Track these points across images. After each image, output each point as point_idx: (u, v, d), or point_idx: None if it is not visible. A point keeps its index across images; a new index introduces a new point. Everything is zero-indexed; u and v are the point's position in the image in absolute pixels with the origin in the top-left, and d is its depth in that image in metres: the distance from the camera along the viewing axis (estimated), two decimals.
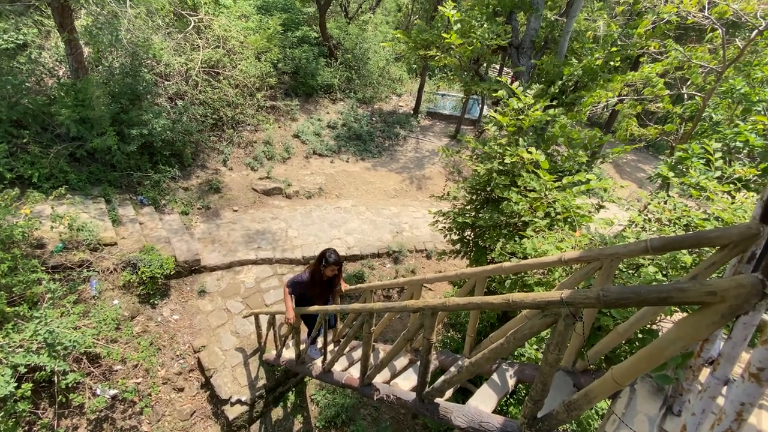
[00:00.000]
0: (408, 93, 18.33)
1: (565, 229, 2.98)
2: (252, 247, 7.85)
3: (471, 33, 5.08)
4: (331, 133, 13.01)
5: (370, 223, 9.49)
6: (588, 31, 6.23)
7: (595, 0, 10.09)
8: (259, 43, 11.40)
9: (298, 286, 4.20)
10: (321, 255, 4.07)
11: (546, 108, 4.17)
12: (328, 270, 4.05)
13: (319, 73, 13.73)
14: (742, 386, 0.92)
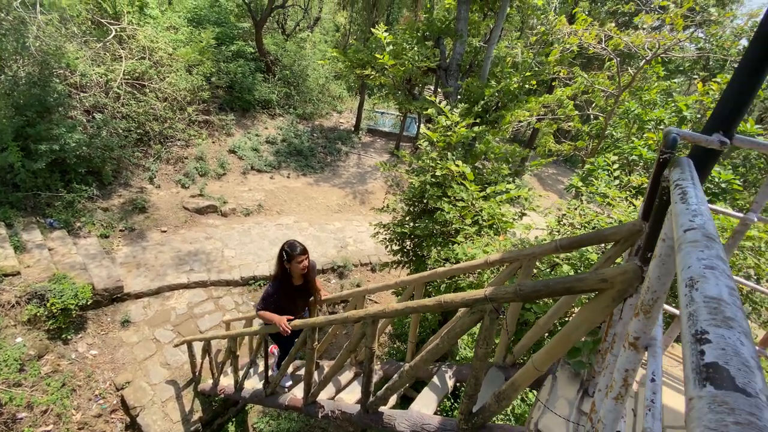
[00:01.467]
0: (348, 110, 18.60)
1: (491, 235, 3.25)
2: (183, 269, 7.34)
3: (403, 55, 5.43)
4: (271, 148, 12.74)
5: (313, 239, 9.36)
6: (508, 57, 6.91)
7: (514, 30, 11.16)
8: (190, 55, 10.93)
9: (268, 301, 3.41)
10: (279, 252, 3.27)
11: (472, 125, 4.54)
12: (295, 265, 3.25)
13: (256, 89, 13.45)
14: (624, 355, 1.08)
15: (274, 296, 3.37)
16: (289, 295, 3.41)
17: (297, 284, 3.44)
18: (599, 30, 6.24)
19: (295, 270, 3.29)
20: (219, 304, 7.09)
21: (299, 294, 3.50)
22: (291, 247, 3.27)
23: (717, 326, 0.38)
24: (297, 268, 3.28)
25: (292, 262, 3.26)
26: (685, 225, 0.67)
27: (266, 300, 3.41)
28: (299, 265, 3.27)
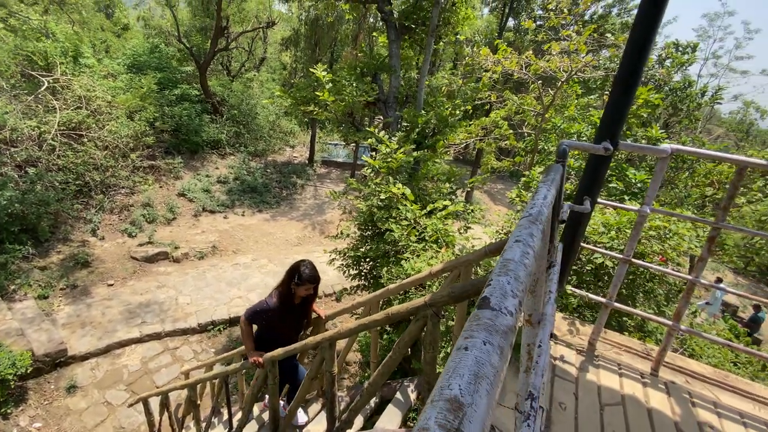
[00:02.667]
0: (302, 144, 18.82)
1: (435, 249, 3.47)
2: (135, 323, 6.93)
3: (343, 91, 5.76)
4: (223, 188, 12.54)
5: (273, 275, 9.19)
6: (443, 86, 7.51)
7: (449, 62, 12.06)
8: (131, 102, 10.73)
9: (261, 315, 3.16)
10: (293, 269, 3.12)
11: (415, 150, 4.87)
12: (301, 290, 3.10)
13: (204, 130, 13.35)
14: (525, 331, 1.27)
15: (268, 312, 3.14)
16: (284, 315, 3.20)
17: (295, 303, 3.25)
18: (518, 58, 6.97)
19: (299, 292, 3.14)
20: (176, 355, 6.72)
21: (295, 316, 3.29)
22: (304, 270, 3.09)
23: (498, 275, 0.57)
24: (301, 291, 3.12)
25: (300, 287, 3.09)
26: (524, 213, 0.88)
27: (258, 313, 3.16)
28: (304, 290, 3.13)
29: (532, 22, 8.64)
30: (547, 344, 1.18)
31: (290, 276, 3.09)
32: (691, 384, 2.57)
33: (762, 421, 2.33)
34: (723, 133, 28.18)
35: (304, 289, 3.10)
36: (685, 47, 8.08)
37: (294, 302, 3.18)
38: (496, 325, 0.46)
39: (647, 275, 3.13)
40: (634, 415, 2.24)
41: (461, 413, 0.36)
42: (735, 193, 2.30)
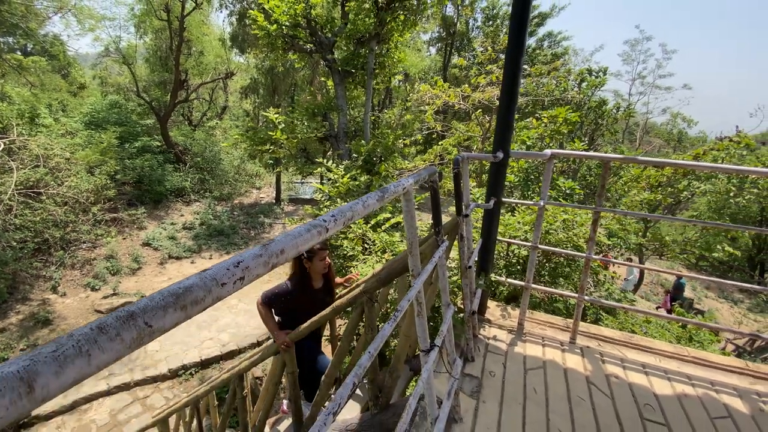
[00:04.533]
0: (268, 185, 19.15)
1: (379, 255, 3.89)
2: (101, 375, 6.77)
3: (295, 129, 6.33)
4: (189, 234, 12.55)
5: (245, 313, 9.22)
6: (392, 119, 8.25)
7: (399, 98, 13.03)
8: (90, 157, 10.83)
9: (279, 298, 2.81)
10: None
11: (370, 175, 5.42)
12: (317, 263, 2.76)
13: (167, 179, 13.48)
14: (413, 287, 1.70)
15: (287, 296, 2.78)
16: (305, 301, 2.83)
17: (316, 287, 2.87)
18: (455, 91, 7.85)
19: (317, 268, 2.78)
20: (147, 404, 6.59)
21: (318, 300, 2.87)
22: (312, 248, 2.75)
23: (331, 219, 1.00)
24: (319, 266, 2.77)
25: (313, 260, 2.74)
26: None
27: (276, 296, 2.79)
28: (321, 262, 2.77)
29: (464, 60, 9.71)
30: (420, 286, 1.60)
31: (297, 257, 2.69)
32: (602, 346, 3.04)
33: (661, 368, 2.80)
34: (660, 143, 30.99)
35: (319, 260, 2.76)
36: (597, 71, 9.39)
37: (313, 285, 2.86)
38: (319, 223, 0.88)
39: (565, 262, 3.66)
40: (552, 375, 2.66)
41: None
42: (605, 183, 2.90)
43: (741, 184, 10.04)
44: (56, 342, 0.42)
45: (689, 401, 2.44)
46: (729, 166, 2.66)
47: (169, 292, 0.53)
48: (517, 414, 2.27)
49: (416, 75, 17.69)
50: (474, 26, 22.95)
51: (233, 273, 0.61)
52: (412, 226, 1.55)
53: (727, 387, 2.60)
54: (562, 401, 2.37)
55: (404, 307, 1.36)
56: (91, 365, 0.43)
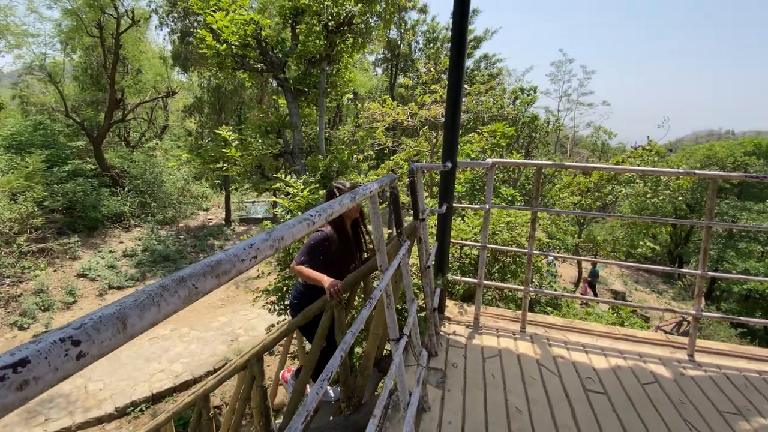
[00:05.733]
0: (216, 206, 18.42)
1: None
2: (37, 422, 6.09)
3: (249, 146, 6.33)
4: (130, 261, 11.72)
5: (198, 341, 8.75)
6: (345, 136, 8.48)
7: (350, 116, 13.34)
8: (13, 183, 9.85)
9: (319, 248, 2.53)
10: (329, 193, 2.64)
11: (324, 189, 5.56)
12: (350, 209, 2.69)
13: (103, 204, 12.56)
14: (383, 279, 1.87)
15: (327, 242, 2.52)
16: (342, 249, 2.62)
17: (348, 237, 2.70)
18: (403, 109, 8.27)
19: (351, 215, 2.62)
20: None
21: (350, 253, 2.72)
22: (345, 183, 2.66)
23: None
24: (353, 210, 2.59)
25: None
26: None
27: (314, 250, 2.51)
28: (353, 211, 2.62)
29: (409, 80, 10.27)
30: (388, 278, 1.78)
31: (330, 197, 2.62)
32: (548, 332, 3.37)
33: (598, 347, 3.17)
34: (587, 153, 34.10)
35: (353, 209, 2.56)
36: (528, 90, 10.40)
37: (346, 233, 2.68)
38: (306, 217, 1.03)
39: (511, 260, 4.05)
40: (507, 361, 2.92)
41: None
42: (539, 186, 3.29)
43: (655, 186, 11.47)
44: (134, 294, 0.55)
45: (622, 371, 2.81)
46: (640, 168, 3.15)
47: (205, 263, 0.66)
48: (479, 398, 2.48)
49: (365, 94, 18.19)
50: (416, 48, 24.19)
51: (248, 252, 0.76)
52: (378, 225, 1.73)
53: (653, 357, 3.02)
54: (517, 383, 2.63)
55: (377, 296, 1.53)
56: (160, 312, 0.56)
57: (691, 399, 2.51)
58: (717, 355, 3.06)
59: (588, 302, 10.84)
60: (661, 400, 2.49)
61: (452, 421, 2.28)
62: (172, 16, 15.04)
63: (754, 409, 2.45)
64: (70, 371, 0.44)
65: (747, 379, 2.75)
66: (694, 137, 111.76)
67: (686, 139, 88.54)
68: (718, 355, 3.06)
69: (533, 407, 2.38)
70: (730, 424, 2.31)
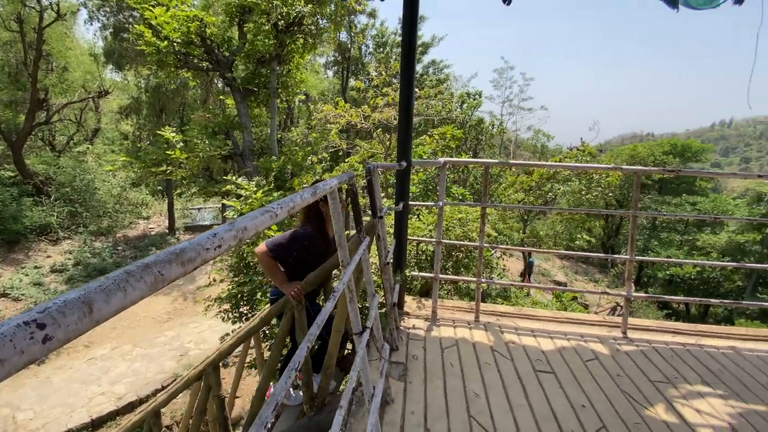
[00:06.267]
0: (158, 213, 17.25)
1: None
2: None
3: (195, 148, 6.02)
4: (60, 277, 10.64)
5: (142, 359, 8.14)
6: (298, 139, 8.36)
7: (302, 118, 13.17)
8: None
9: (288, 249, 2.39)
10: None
11: (278, 190, 5.43)
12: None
13: (24, 215, 11.30)
14: (345, 274, 1.89)
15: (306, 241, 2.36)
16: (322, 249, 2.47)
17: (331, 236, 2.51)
18: (356, 111, 8.32)
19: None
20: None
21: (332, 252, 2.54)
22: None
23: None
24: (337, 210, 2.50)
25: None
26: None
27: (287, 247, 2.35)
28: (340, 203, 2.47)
29: (361, 83, 10.37)
30: (350, 272, 1.81)
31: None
32: (500, 320, 3.57)
33: (545, 331, 3.40)
34: (529, 155, 36.25)
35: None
36: (474, 94, 10.92)
37: (328, 232, 2.56)
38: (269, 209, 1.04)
39: (464, 255, 4.24)
40: (464, 349, 3.05)
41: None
42: (487, 184, 3.48)
43: (589, 184, 12.50)
44: (98, 280, 0.54)
45: (567, 351, 3.05)
46: (575, 164, 3.49)
47: (170, 251, 0.66)
48: (439, 387, 2.57)
49: (317, 96, 18.00)
50: (367, 52, 24.40)
51: (212, 241, 0.75)
52: (339, 220, 1.75)
53: (592, 336, 3.30)
54: (474, 369, 2.76)
55: (340, 289, 1.55)
56: (127, 298, 0.55)
57: (626, 371, 2.78)
58: (646, 332, 3.41)
59: (529, 291, 11.55)
60: (601, 375, 2.73)
61: (415, 411, 2.35)
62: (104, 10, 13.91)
63: (680, 377, 2.77)
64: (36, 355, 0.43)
65: (673, 351, 3.10)
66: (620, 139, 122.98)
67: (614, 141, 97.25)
68: (648, 331, 3.42)
69: (489, 390, 2.51)
70: (660, 391, 2.59)
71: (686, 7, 3.22)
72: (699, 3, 3.25)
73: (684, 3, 3.18)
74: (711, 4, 3.28)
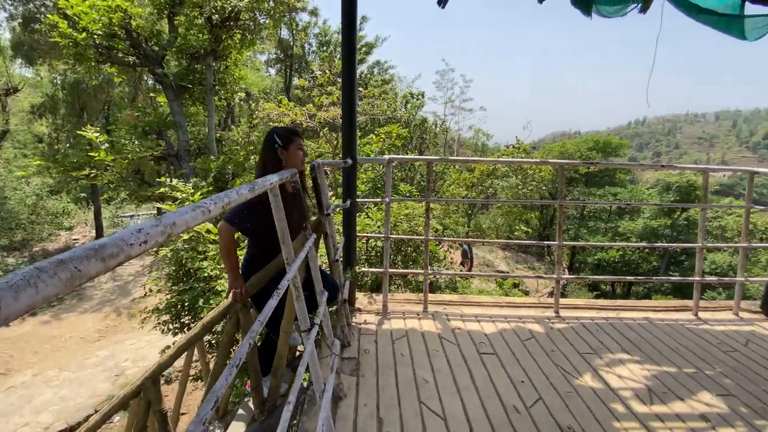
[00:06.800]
0: (83, 223, 15.66)
1: None
2: None
3: (124, 149, 5.55)
4: None
5: (71, 383, 7.38)
6: (240, 138, 8.02)
7: (243, 116, 12.70)
8: None
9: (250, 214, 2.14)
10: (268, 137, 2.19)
11: (216, 192, 5.19)
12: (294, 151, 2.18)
13: None
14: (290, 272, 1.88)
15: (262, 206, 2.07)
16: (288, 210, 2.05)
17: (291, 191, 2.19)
18: (301, 110, 8.18)
19: (294, 160, 2.17)
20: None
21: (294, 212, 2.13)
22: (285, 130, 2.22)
23: None
24: (296, 157, 2.19)
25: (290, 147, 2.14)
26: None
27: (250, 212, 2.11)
28: (299, 151, 2.20)
29: (305, 81, 10.21)
30: (295, 268, 1.80)
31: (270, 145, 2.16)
32: (447, 309, 3.72)
33: (487, 315, 3.60)
34: (471, 153, 37.84)
35: (297, 148, 2.20)
36: (417, 95, 11.22)
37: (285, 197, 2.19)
38: (201, 205, 1.01)
39: (412, 249, 4.37)
40: (413, 339, 3.15)
41: None
42: (431, 179, 3.62)
43: (524, 179, 13.39)
44: (6, 278, 0.51)
45: (507, 333, 3.26)
46: (509, 159, 3.73)
47: (89, 247, 0.63)
48: (391, 377, 2.64)
49: (258, 94, 17.37)
50: (310, 50, 24.00)
51: (138, 237, 0.73)
52: (281, 218, 1.73)
53: (529, 318, 3.56)
54: (423, 357, 2.86)
55: (284, 286, 1.54)
56: (38, 294, 0.52)
57: (558, 347, 3.04)
58: (576, 309, 3.75)
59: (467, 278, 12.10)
60: (538, 352, 2.97)
61: (367, 403, 2.39)
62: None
63: (604, 347, 3.08)
64: None
65: (598, 325, 3.44)
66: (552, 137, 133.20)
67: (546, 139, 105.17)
68: (577, 309, 3.76)
69: (438, 375, 2.63)
70: (588, 361, 2.86)
71: (598, 15, 3.58)
72: (609, 11, 3.63)
73: (596, 11, 3.53)
74: (619, 12, 3.67)
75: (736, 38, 3.73)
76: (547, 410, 2.31)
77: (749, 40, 3.69)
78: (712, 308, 3.84)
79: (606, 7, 3.53)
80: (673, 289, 15.01)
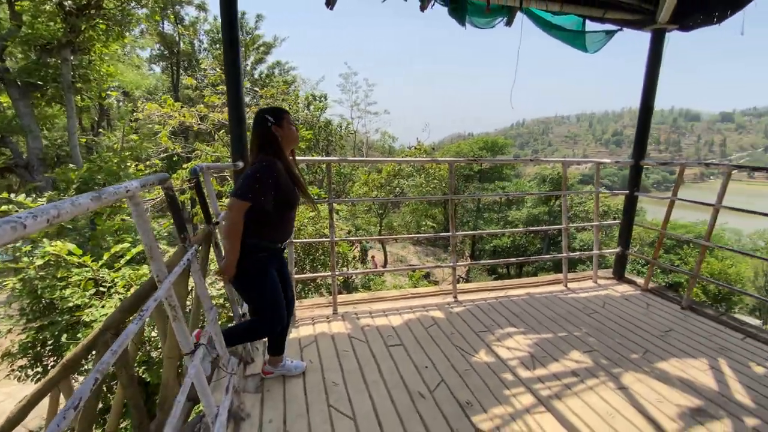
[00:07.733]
0: None
1: (124, 294, 3.36)
2: None
3: None
4: None
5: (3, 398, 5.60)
6: (114, 143, 6.97)
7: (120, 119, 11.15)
8: None
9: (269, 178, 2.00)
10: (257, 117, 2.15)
11: None
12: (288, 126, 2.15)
13: None
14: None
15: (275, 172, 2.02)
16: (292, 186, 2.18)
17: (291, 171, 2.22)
18: (190, 111, 7.47)
19: (289, 137, 2.17)
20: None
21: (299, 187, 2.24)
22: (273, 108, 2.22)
23: None
24: (291, 133, 2.17)
25: (282, 124, 2.12)
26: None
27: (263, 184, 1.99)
28: (292, 126, 2.19)
29: (194, 80, 9.38)
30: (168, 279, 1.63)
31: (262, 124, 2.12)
32: (357, 308, 3.74)
33: (395, 309, 3.69)
34: (378, 155, 38.88)
35: (289, 123, 2.19)
36: (320, 97, 11.15)
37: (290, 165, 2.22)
38: None
39: (323, 252, 4.30)
40: (322, 343, 3.08)
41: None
42: (332, 179, 3.59)
43: (428, 178, 14.25)
44: None
45: (413, 323, 3.40)
46: (405, 159, 3.89)
47: None
48: (299, 386, 2.55)
49: (141, 93, 15.33)
50: (201, 48, 22.15)
51: None
52: (146, 230, 1.53)
53: (432, 305, 3.76)
54: (333, 360, 2.83)
55: (150, 307, 1.36)
56: None
57: (457, 329, 3.27)
58: (471, 293, 4.09)
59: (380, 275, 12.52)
60: (440, 336, 3.15)
61: (273, 418, 2.27)
62: None
63: (495, 323, 3.39)
64: None
65: (489, 305, 3.79)
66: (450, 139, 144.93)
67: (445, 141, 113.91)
68: (472, 293, 4.09)
69: (347, 376, 2.62)
70: (482, 339, 3.12)
71: (471, 26, 3.95)
72: (480, 23, 4.03)
73: (469, 21, 3.89)
74: (489, 24, 4.10)
75: (580, 50, 4.45)
76: (449, 390, 2.46)
77: (590, 52, 4.43)
78: (578, 279, 4.52)
79: (478, 19, 3.92)
80: (553, 266, 17.43)
